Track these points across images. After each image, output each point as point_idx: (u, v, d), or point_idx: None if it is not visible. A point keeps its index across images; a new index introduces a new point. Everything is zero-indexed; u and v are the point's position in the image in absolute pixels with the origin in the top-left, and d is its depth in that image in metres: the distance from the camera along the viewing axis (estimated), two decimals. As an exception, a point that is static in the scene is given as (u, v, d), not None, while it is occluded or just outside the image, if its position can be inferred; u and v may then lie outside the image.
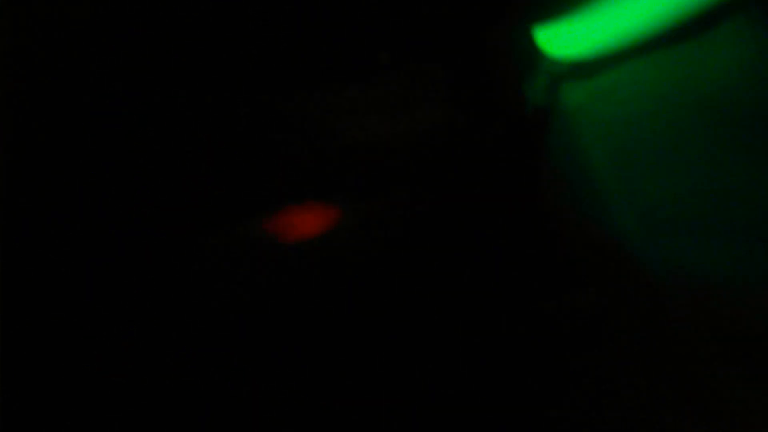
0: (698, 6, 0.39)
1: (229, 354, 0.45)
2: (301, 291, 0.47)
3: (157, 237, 0.47)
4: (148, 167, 0.47)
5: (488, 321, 0.48)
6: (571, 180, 0.40)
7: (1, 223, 0.43)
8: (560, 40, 0.42)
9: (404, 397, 0.47)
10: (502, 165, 0.46)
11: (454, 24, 0.45)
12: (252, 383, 0.45)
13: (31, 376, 0.43)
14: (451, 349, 0.46)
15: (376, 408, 0.46)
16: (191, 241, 0.47)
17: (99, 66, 0.47)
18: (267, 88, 0.48)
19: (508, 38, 0.44)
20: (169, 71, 0.49)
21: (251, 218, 0.48)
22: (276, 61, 0.48)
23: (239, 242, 0.48)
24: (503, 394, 0.46)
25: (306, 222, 0.48)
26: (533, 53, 0.43)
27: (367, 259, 0.47)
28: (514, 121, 0.45)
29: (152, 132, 0.48)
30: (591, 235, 0.40)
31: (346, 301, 0.47)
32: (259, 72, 0.49)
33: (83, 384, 0.44)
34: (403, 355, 0.47)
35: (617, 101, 0.39)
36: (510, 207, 0.46)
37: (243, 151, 0.48)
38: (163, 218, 0.47)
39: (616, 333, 0.46)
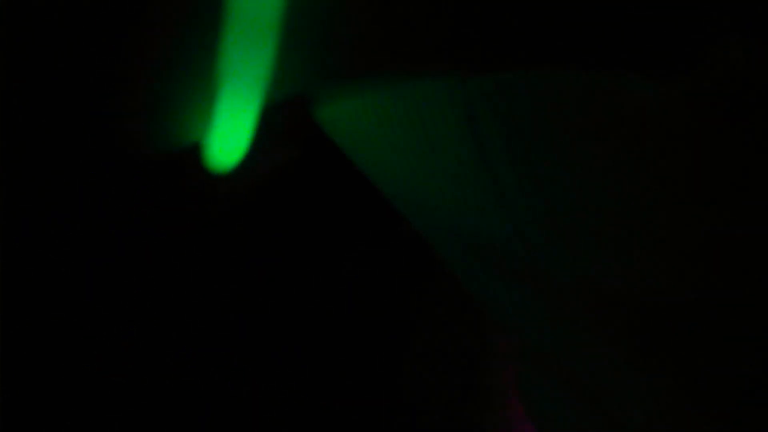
0: None
1: (229, 354, 0.45)
2: (300, 291, 0.47)
3: (157, 236, 0.47)
4: (148, 167, 0.47)
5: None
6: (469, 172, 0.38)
7: (1, 223, 0.43)
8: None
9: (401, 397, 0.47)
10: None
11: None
12: (252, 383, 0.46)
13: (31, 376, 0.43)
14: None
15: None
16: (191, 241, 0.47)
17: (99, 65, 0.47)
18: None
19: None
20: (169, 71, 0.49)
21: (251, 215, 0.48)
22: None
23: (238, 240, 0.48)
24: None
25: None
26: None
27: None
28: None
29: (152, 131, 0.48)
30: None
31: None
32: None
33: (83, 384, 0.44)
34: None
35: (522, 103, 0.38)
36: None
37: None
38: (162, 218, 0.47)
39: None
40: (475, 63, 0.38)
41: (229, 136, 0.37)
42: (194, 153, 0.38)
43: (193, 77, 0.36)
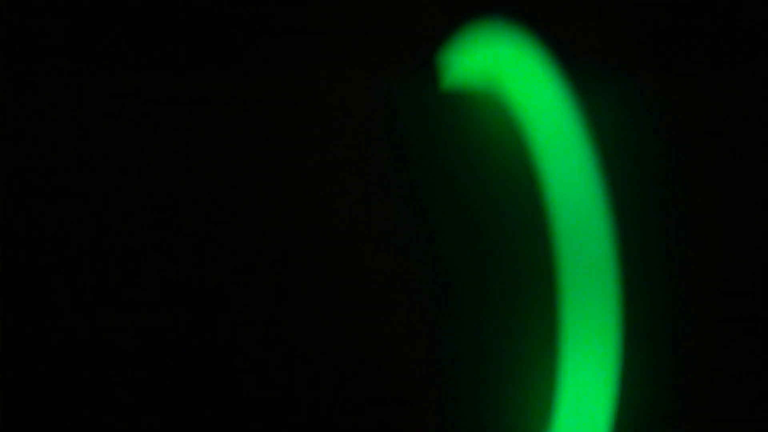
0: None
1: (229, 355, 0.45)
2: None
3: (156, 236, 0.47)
4: (147, 166, 0.47)
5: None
6: None
7: (1, 223, 0.43)
8: None
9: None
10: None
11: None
12: (251, 384, 0.45)
13: (31, 376, 0.43)
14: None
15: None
16: (189, 241, 0.47)
17: (98, 64, 0.47)
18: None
19: None
20: (168, 68, 0.49)
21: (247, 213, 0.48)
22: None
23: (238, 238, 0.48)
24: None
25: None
26: None
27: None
28: None
29: (151, 129, 0.48)
30: None
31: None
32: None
33: (83, 384, 0.44)
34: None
35: None
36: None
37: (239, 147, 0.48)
38: (161, 217, 0.47)
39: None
40: None
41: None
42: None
43: None
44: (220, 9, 0.48)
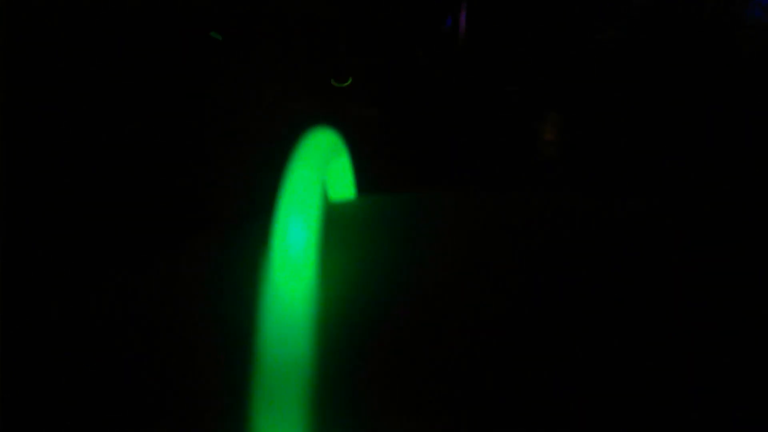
0: None
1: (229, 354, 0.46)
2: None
3: (155, 237, 0.47)
4: (145, 168, 0.47)
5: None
6: None
7: (1, 223, 0.43)
8: None
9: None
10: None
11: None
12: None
13: (31, 376, 0.43)
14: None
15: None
16: (188, 241, 0.47)
17: (97, 66, 0.47)
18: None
19: None
20: (165, 73, 0.49)
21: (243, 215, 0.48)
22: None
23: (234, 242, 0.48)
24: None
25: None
26: None
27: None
28: None
29: (149, 133, 0.48)
30: None
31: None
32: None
33: (83, 384, 0.44)
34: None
35: None
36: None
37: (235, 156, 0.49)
38: (160, 217, 0.47)
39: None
40: None
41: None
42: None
43: None
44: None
